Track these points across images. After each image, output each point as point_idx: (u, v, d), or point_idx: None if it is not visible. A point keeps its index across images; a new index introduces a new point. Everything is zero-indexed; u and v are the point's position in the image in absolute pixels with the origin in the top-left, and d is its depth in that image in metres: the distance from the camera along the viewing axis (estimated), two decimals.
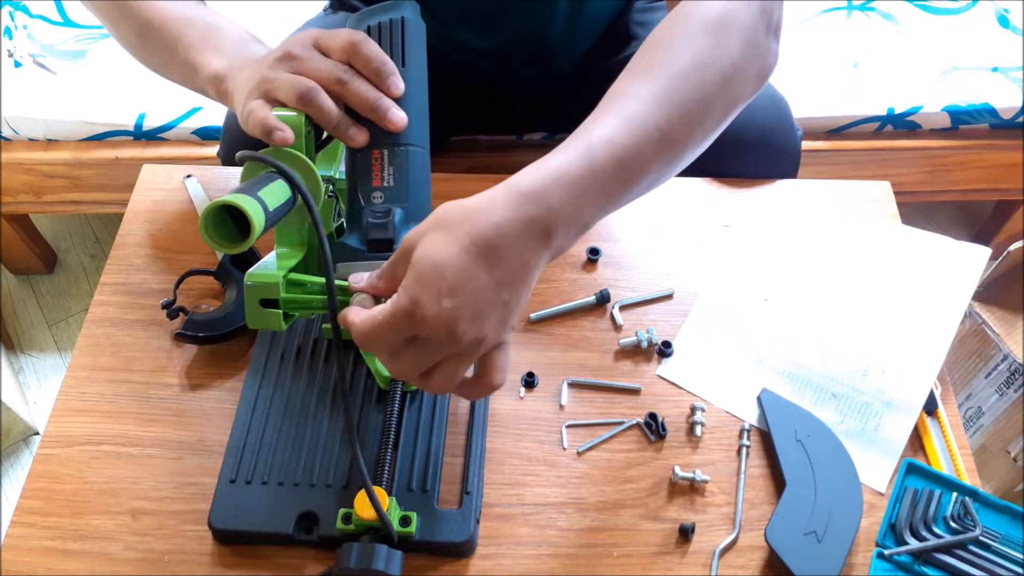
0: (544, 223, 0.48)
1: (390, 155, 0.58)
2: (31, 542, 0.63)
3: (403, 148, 0.58)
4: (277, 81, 0.57)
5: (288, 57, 0.57)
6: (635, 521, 0.65)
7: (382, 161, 0.58)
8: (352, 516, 0.59)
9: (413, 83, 0.59)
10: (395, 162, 0.58)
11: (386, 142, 0.58)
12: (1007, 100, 1.31)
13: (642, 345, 0.72)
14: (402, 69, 0.58)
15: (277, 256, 0.57)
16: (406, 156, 0.58)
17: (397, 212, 0.57)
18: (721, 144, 0.88)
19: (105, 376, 0.72)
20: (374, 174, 0.58)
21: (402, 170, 0.58)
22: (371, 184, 0.58)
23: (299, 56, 0.57)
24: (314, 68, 0.57)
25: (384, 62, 0.57)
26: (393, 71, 0.57)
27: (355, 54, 0.56)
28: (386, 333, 0.48)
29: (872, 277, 0.78)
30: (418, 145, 0.59)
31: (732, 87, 0.57)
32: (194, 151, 1.28)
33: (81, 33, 1.39)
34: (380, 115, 0.57)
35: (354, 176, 0.59)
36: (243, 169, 0.54)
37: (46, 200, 1.37)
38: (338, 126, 0.57)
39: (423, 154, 0.60)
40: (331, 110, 0.57)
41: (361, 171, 0.58)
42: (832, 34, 1.42)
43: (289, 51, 0.57)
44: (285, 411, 0.67)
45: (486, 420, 0.68)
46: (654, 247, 0.82)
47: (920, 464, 0.66)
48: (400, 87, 0.57)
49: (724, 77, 0.56)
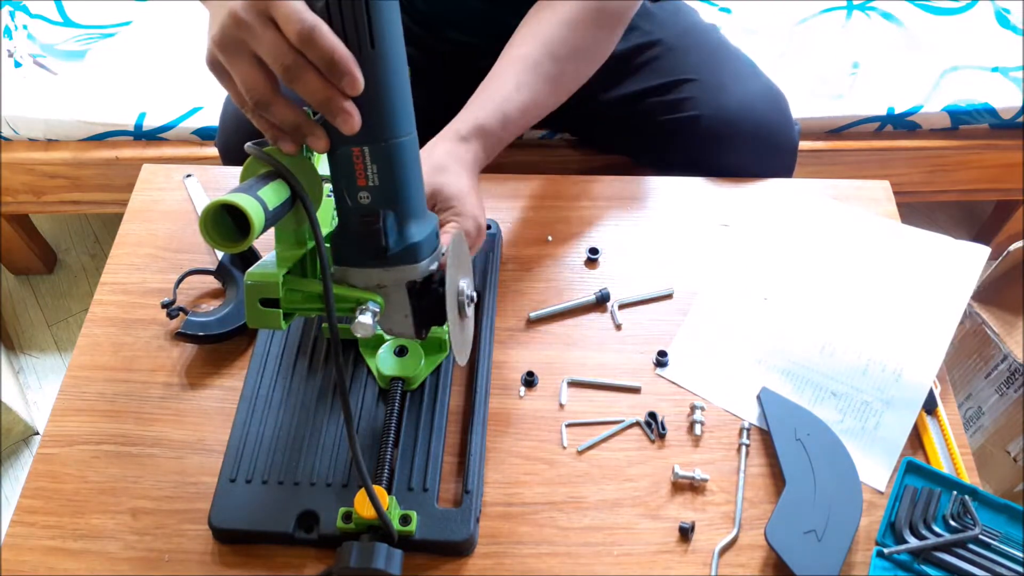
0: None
1: (372, 152, 0.52)
2: (31, 541, 0.63)
3: (385, 144, 0.52)
4: (232, 67, 0.51)
5: (238, 23, 0.49)
6: (635, 520, 0.65)
7: (364, 159, 0.53)
8: (352, 515, 0.59)
9: (387, 66, 0.51)
10: (378, 159, 0.53)
11: (365, 138, 0.52)
12: (1007, 100, 1.31)
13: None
14: (371, 51, 0.49)
15: (277, 255, 0.57)
16: (390, 151, 0.53)
17: (388, 216, 0.55)
18: (718, 137, 0.89)
19: (105, 376, 0.72)
20: (357, 173, 0.53)
21: (388, 168, 0.53)
22: (356, 184, 0.54)
23: (248, 24, 0.49)
24: (264, 48, 0.49)
25: (340, 58, 0.48)
26: (349, 69, 0.48)
27: (308, 46, 0.48)
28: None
29: (872, 276, 0.78)
30: (401, 136, 0.53)
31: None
32: (194, 151, 1.28)
33: (81, 33, 1.39)
34: (331, 115, 0.50)
35: (337, 174, 0.54)
36: (244, 165, 0.54)
37: (46, 200, 1.37)
38: (294, 132, 0.52)
39: (407, 142, 0.54)
40: (285, 121, 0.51)
41: (344, 170, 0.54)
42: (832, 34, 1.42)
43: (239, 16, 0.49)
44: (285, 410, 0.67)
45: (486, 419, 0.68)
46: (653, 246, 0.82)
47: (920, 463, 0.66)
48: (359, 85, 0.49)
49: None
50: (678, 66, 0.93)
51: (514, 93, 0.72)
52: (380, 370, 0.68)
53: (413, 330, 0.60)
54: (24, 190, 1.35)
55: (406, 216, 0.56)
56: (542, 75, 0.73)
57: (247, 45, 0.50)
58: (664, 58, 0.93)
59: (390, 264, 0.56)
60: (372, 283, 0.57)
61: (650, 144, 0.97)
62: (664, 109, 0.92)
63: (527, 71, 0.73)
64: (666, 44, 0.94)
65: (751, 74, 0.95)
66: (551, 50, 0.73)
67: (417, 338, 0.61)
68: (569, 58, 0.75)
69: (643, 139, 0.96)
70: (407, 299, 0.58)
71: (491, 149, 0.72)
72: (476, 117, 0.71)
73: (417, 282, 0.57)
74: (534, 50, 0.73)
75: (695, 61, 0.93)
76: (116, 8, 1.42)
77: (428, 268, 0.58)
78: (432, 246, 0.58)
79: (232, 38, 0.50)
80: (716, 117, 0.89)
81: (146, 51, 1.36)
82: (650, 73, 0.87)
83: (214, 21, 0.51)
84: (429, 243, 0.57)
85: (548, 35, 0.74)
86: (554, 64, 0.73)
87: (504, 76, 0.72)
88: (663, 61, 0.93)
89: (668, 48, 0.93)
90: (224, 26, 0.50)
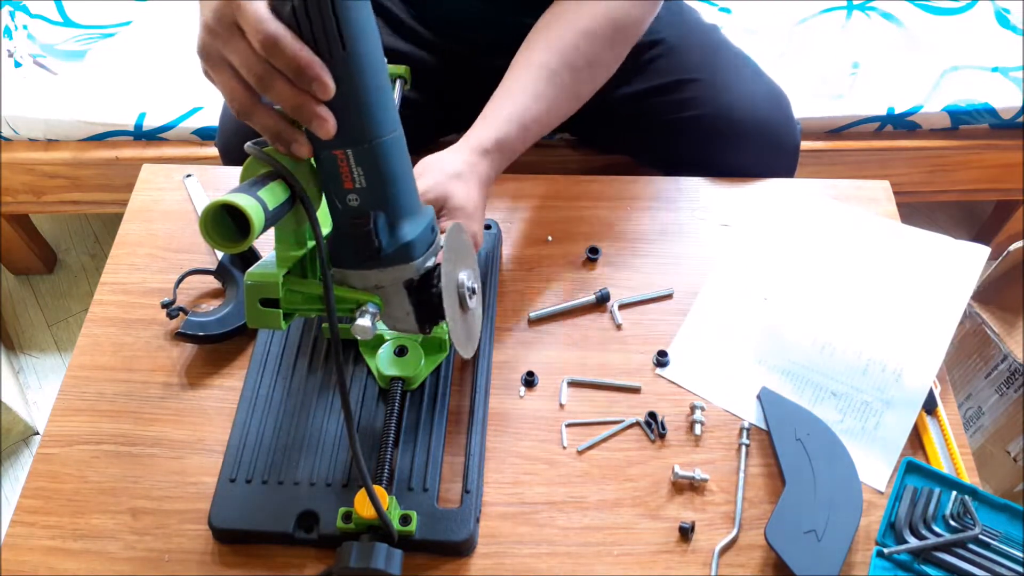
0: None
1: (356, 155, 0.52)
2: (31, 541, 0.63)
3: (368, 146, 0.52)
4: (214, 77, 0.52)
5: (212, 33, 0.49)
6: (635, 520, 0.65)
7: (348, 162, 0.52)
8: (352, 515, 0.59)
9: (362, 67, 0.49)
10: (363, 162, 0.52)
11: (347, 141, 0.51)
12: (1007, 100, 1.31)
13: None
14: (342, 53, 0.48)
15: (277, 255, 0.57)
16: (374, 152, 0.52)
17: (379, 216, 0.54)
18: (721, 137, 0.89)
19: (105, 376, 0.72)
20: (343, 176, 0.52)
21: (374, 169, 0.52)
22: (343, 187, 0.53)
23: (220, 35, 0.49)
24: (236, 58, 0.49)
25: (306, 64, 0.47)
26: (317, 74, 0.47)
27: (273, 55, 0.47)
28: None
29: (871, 276, 0.78)
30: (384, 135, 0.52)
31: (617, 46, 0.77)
32: (194, 151, 1.28)
33: (81, 33, 1.39)
34: (306, 121, 0.49)
35: (325, 178, 0.54)
36: (244, 165, 0.54)
37: (46, 200, 1.37)
38: (277, 139, 0.51)
39: (391, 141, 0.53)
40: (267, 128, 0.51)
41: (330, 174, 0.53)
42: (832, 34, 1.42)
43: (211, 26, 0.49)
44: (285, 410, 0.67)
45: (486, 419, 0.68)
46: (653, 246, 0.82)
47: (920, 463, 0.66)
48: (329, 89, 0.48)
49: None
50: (681, 66, 0.93)
51: (532, 103, 0.72)
52: (380, 370, 0.68)
53: (416, 326, 0.60)
54: (24, 190, 1.35)
55: (397, 215, 0.55)
56: (559, 85, 0.74)
57: (223, 55, 0.50)
58: (666, 58, 0.93)
59: (385, 265, 0.56)
60: (370, 284, 0.57)
61: (652, 144, 0.97)
62: (666, 109, 0.92)
63: (545, 81, 0.73)
64: (668, 44, 0.94)
65: (753, 74, 0.95)
66: (568, 60, 0.73)
67: (422, 333, 0.61)
68: (585, 69, 0.75)
69: (645, 139, 0.96)
70: (407, 297, 0.58)
71: (507, 161, 0.73)
72: (497, 130, 0.71)
73: (415, 280, 0.57)
74: (552, 59, 0.73)
75: (697, 61, 0.93)
76: (116, 8, 1.42)
77: (425, 265, 0.57)
78: (428, 241, 0.58)
79: (209, 48, 0.51)
80: (719, 117, 0.89)
81: (146, 51, 1.36)
82: (652, 73, 0.87)
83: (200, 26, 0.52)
84: (424, 240, 0.57)
85: (565, 45, 0.74)
86: (571, 75, 0.74)
87: (523, 85, 0.73)
88: (665, 61, 0.93)
89: (670, 48, 0.93)
90: (201, 36, 0.51)
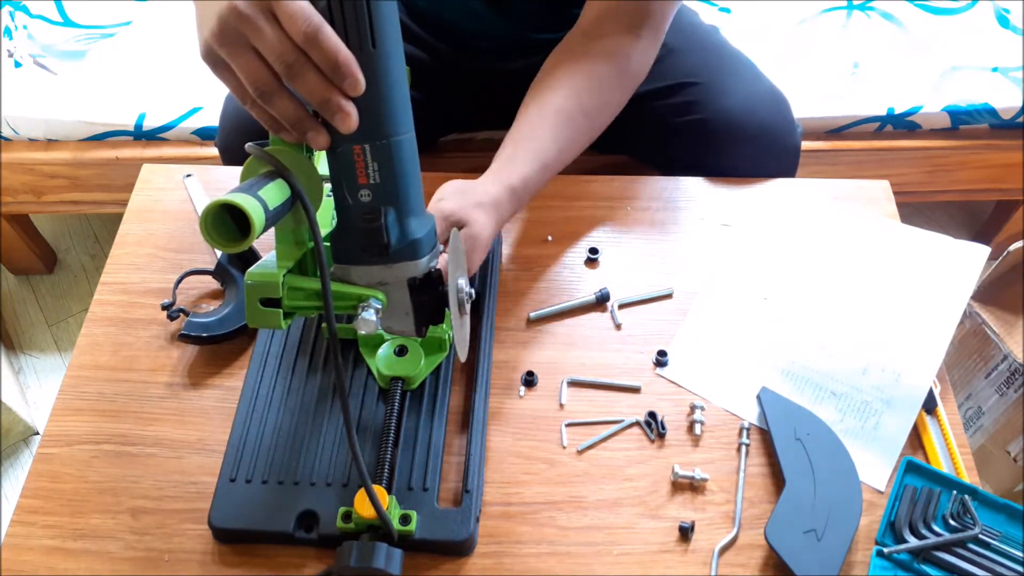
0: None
1: (373, 150, 0.53)
2: (31, 541, 0.63)
3: (386, 142, 0.53)
4: (232, 60, 0.51)
5: (240, 17, 0.49)
6: (635, 519, 0.65)
7: (365, 157, 0.53)
8: (352, 515, 0.59)
9: (387, 65, 0.51)
10: (379, 157, 0.53)
11: (366, 136, 0.53)
12: (1007, 100, 1.31)
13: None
14: (372, 51, 0.50)
15: (277, 255, 0.57)
16: (390, 149, 0.53)
17: (389, 213, 0.55)
18: (721, 140, 0.89)
19: (105, 376, 0.72)
20: (358, 171, 0.54)
21: (388, 165, 0.54)
22: (357, 182, 0.54)
23: (250, 19, 0.49)
24: (266, 44, 0.49)
25: (344, 61, 0.48)
26: (352, 71, 0.49)
27: (312, 47, 0.48)
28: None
29: (871, 276, 0.78)
30: (401, 133, 0.54)
31: (608, 109, 0.81)
32: (194, 151, 1.28)
33: (81, 33, 1.39)
34: (330, 114, 0.50)
35: (338, 172, 0.55)
36: (244, 165, 0.54)
37: (46, 200, 1.37)
38: (295, 127, 0.52)
39: (406, 140, 0.55)
40: (287, 115, 0.51)
41: (345, 168, 0.54)
42: (832, 34, 1.42)
43: (241, 10, 0.49)
44: (285, 410, 0.67)
45: (486, 419, 0.68)
46: (654, 246, 0.82)
47: (919, 462, 0.66)
48: (360, 87, 0.50)
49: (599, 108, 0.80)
50: (681, 69, 0.93)
51: (550, 144, 0.76)
52: (380, 370, 0.68)
53: (414, 328, 0.60)
54: (24, 190, 1.35)
55: (406, 213, 0.56)
56: (575, 128, 0.78)
57: (247, 39, 0.50)
58: (667, 61, 0.93)
59: (392, 261, 0.57)
60: (374, 280, 0.58)
61: (653, 146, 0.97)
62: (667, 112, 0.92)
63: (562, 126, 0.77)
64: (668, 46, 0.94)
65: (753, 77, 0.95)
66: (581, 103, 0.78)
67: (417, 336, 0.61)
68: (596, 113, 0.80)
69: (646, 141, 0.96)
70: (408, 296, 0.58)
71: (525, 202, 0.76)
72: (524, 171, 0.74)
73: (418, 279, 0.58)
74: (568, 103, 0.77)
75: (698, 64, 0.93)
76: (116, 8, 1.42)
77: (428, 265, 0.58)
78: (431, 243, 0.59)
79: (233, 31, 0.50)
80: (719, 120, 0.89)
81: (146, 51, 1.36)
82: (653, 76, 0.87)
83: (210, 14, 0.51)
84: (429, 240, 0.58)
85: (579, 88, 0.78)
86: (585, 119, 0.78)
87: (544, 128, 0.77)
88: (666, 64, 0.92)
89: (670, 50, 0.93)
90: (224, 19, 0.50)
